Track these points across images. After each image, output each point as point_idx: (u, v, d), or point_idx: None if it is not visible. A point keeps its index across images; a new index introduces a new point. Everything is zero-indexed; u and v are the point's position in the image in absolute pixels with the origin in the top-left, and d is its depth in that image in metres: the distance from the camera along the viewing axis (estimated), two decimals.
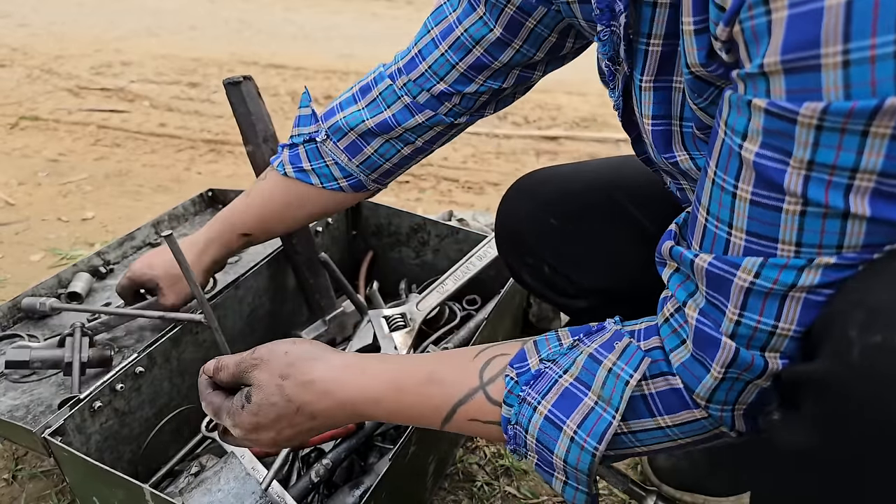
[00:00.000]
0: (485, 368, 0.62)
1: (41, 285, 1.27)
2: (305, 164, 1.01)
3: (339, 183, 1.02)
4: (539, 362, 0.60)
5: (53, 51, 4.17)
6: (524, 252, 1.00)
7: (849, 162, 0.41)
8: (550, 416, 0.57)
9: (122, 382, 1.02)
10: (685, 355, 0.54)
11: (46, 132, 2.93)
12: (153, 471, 1.11)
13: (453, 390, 0.63)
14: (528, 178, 1.03)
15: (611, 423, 0.55)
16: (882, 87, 0.38)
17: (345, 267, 1.50)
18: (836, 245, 0.44)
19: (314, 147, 1.01)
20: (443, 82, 0.89)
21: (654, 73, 0.61)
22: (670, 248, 0.56)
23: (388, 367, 0.66)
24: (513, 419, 0.60)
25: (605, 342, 0.58)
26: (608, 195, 0.95)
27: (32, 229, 2.10)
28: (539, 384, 0.58)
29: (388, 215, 1.51)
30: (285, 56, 4.20)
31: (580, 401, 0.56)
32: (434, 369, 0.64)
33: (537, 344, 0.62)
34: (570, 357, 0.59)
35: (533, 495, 1.19)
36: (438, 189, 2.47)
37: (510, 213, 1.02)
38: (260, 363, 0.67)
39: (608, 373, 0.56)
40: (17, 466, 1.24)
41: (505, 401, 0.60)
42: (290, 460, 1.09)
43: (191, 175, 2.56)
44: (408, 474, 0.99)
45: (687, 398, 0.55)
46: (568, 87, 3.71)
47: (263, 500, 0.93)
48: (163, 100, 3.37)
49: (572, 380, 0.57)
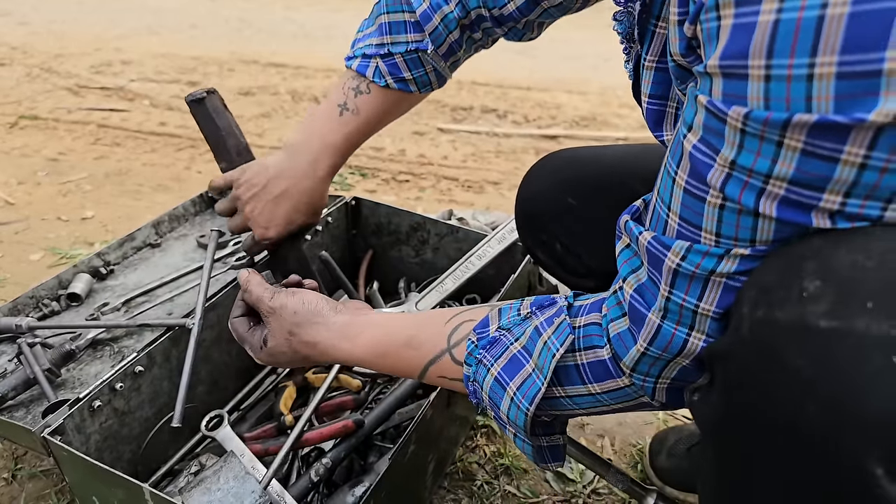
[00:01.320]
0: (453, 333, 0.71)
1: (41, 286, 1.27)
2: (406, 74, 1.02)
3: (433, 87, 1.06)
4: (497, 329, 0.67)
5: (53, 49, 4.17)
6: (539, 229, 1.04)
7: (764, 168, 0.44)
8: (499, 377, 0.65)
9: (121, 382, 1.02)
10: (623, 326, 0.59)
11: (46, 131, 2.93)
12: (153, 470, 1.11)
13: (425, 352, 0.72)
14: (552, 158, 1.07)
15: (540, 389, 0.62)
16: (795, 104, 0.41)
17: (345, 265, 1.50)
18: (750, 239, 0.48)
19: (416, 57, 1.00)
20: None
21: (657, 54, 0.66)
22: (626, 222, 0.61)
23: (375, 333, 0.76)
24: (471, 376, 0.68)
25: (549, 317, 0.64)
26: (623, 181, 0.97)
27: (32, 229, 2.10)
28: (494, 349, 0.66)
29: (387, 214, 1.51)
30: (285, 55, 4.20)
31: (522, 366, 0.64)
32: (412, 335, 0.74)
33: (500, 312, 0.69)
34: (522, 327, 0.66)
35: (533, 494, 1.19)
36: (438, 188, 2.47)
37: (530, 190, 1.06)
38: (273, 314, 0.79)
39: (543, 345, 0.63)
40: (17, 466, 1.24)
41: (465, 361, 0.68)
42: (291, 459, 1.09)
43: (191, 174, 2.56)
44: (407, 473, 0.99)
45: (612, 368, 0.61)
46: (568, 86, 3.71)
47: (263, 499, 0.93)
48: (163, 98, 3.37)
49: (520, 347, 0.64)
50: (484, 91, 3.58)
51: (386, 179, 2.54)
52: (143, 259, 1.44)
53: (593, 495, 1.20)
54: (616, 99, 3.45)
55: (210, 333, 1.19)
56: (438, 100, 3.41)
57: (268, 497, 0.92)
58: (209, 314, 1.17)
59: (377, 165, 2.66)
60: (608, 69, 4.02)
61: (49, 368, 1.07)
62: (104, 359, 1.14)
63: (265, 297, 0.80)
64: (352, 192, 2.40)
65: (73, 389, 1.08)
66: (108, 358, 1.15)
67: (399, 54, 1.00)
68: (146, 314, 1.25)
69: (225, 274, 1.33)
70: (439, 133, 3.02)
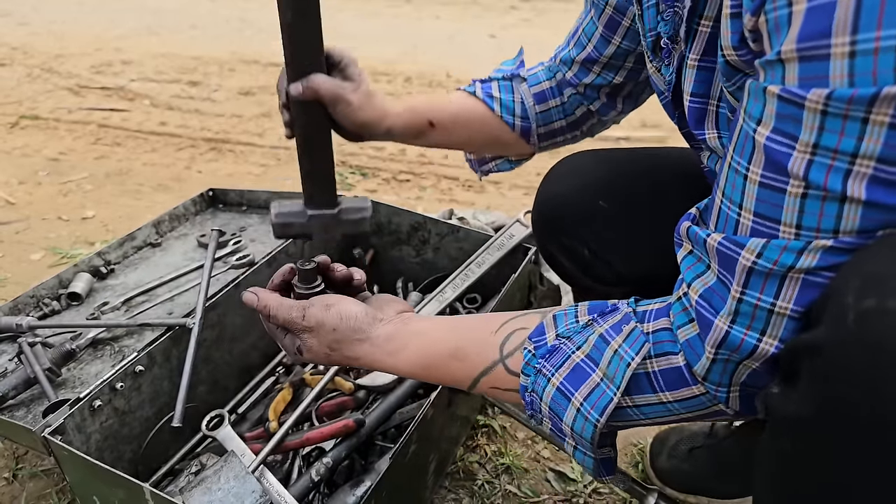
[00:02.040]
0: (505, 342, 0.68)
1: (42, 286, 1.27)
2: (495, 93, 1.06)
3: (514, 119, 1.06)
4: (555, 337, 0.64)
5: (54, 50, 4.17)
6: (563, 233, 0.99)
7: (849, 147, 0.43)
8: (562, 387, 0.62)
9: (121, 381, 1.02)
10: (691, 333, 0.57)
11: (47, 131, 2.93)
12: (153, 470, 1.11)
13: (475, 364, 0.69)
14: (577, 158, 1.03)
15: (612, 399, 0.59)
16: (882, 77, 0.41)
17: (345, 265, 1.50)
18: (833, 229, 0.46)
19: (509, 84, 1.07)
20: (570, 72, 1.03)
21: (700, 52, 0.65)
22: (687, 228, 0.59)
23: (419, 346, 0.72)
24: (529, 387, 0.65)
25: (615, 324, 0.62)
26: (659, 185, 0.95)
27: (33, 228, 2.10)
28: (554, 358, 0.63)
29: (388, 214, 1.51)
30: None
31: (588, 376, 0.61)
32: (458, 346, 0.70)
33: (556, 318, 0.66)
34: (583, 335, 0.63)
35: (533, 494, 1.19)
36: (439, 187, 2.47)
37: (552, 191, 1.02)
38: (310, 332, 0.73)
39: (614, 353, 0.60)
40: (18, 465, 1.24)
41: (523, 371, 0.65)
42: (291, 458, 1.09)
43: (191, 174, 2.56)
44: (408, 473, 0.99)
45: (687, 375, 0.58)
46: None
47: (264, 499, 0.93)
48: (163, 98, 3.37)
49: (583, 356, 0.62)
50: None
51: (386, 179, 2.54)
52: (143, 258, 1.44)
53: (594, 495, 1.20)
54: None
55: (210, 333, 1.19)
56: None
57: (268, 497, 0.92)
58: (210, 314, 1.17)
59: (378, 165, 2.66)
60: None
61: (49, 368, 1.07)
62: (105, 358, 1.14)
63: (295, 319, 0.74)
64: (352, 192, 2.40)
65: (73, 389, 1.08)
66: (108, 357, 1.15)
67: (496, 80, 1.08)
68: (146, 314, 1.25)
69: (225, 273, 1.33)
70: None
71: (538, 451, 1.28)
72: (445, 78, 3.76)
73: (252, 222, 1.55)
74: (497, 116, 1.06)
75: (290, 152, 2.77)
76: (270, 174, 2.57)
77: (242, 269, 1.30)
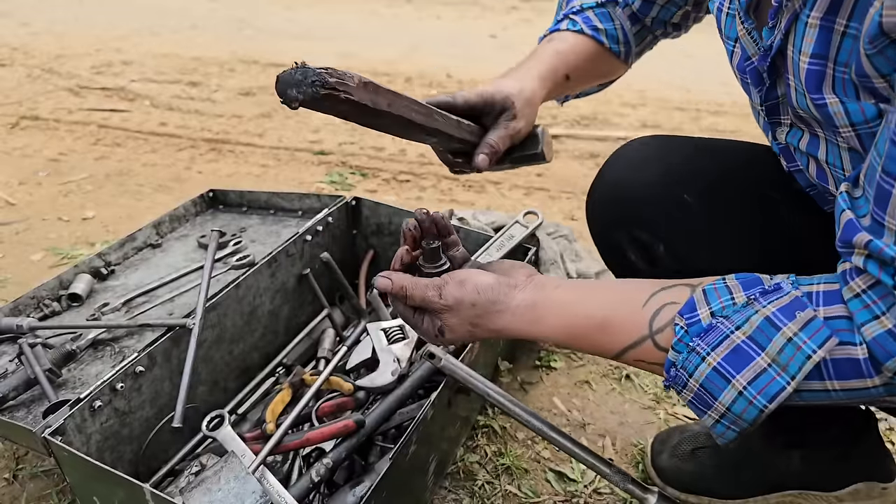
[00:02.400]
0: (654, 318, 0.67)
1: (42, 286, 1.27)
2: (597, 24, 1.05)
3: (619, 47, 1.06)
4: (710, 315, 0.63)
5: (54, 50, 4.17)
6: (638, 224, 0.92)
7: None
8: (719, 368, 0.61)
9: (122, 382, 1.02)
10: (878, 330, 0.56)
11: (47, 132, 2.94)
12: (154, 470, 1.11)
13: (623, 338, 0.69)
14: (652, 142, 0.97)
15: (784, 388, 0.59)
16: None
17: (345, 266, 1.50)
18: None
19: (605, 11, 1.06)
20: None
21: (823, 10, 0.62)
22: (867, 242, 0.57)
23: (562, 315, 0.72)
24: (678, 363, 0.65)
25: (783, 307, 0.61)
26: (752, 184, 0.90)
27: (33, 229, 2.10)
28: (709, 336, 0.62)
29: (388, 214, 1.51)
30: (286, 55, 4.19)
31: (752, 359, 0.60)
32: (607, 317, 0.70)
33: (707, 294, 0.65)
34: (742, 314, 0.62)
35: (534, 494, 1.19)
36: (439, 188, 2.47)
37: (630, 178, 0.94)
38: (449, 310, 0.73)
39: (787, 341, 0.59)
40: (18, 466, 1.24)
41: (673, 347, 0.65)
42: (291, 459, 1.09)
43: (191, 174, 2.56)
44: (408, 473, 0.99)
45: (864, 368, 0.58)
46: None
47: (264, 499, 0.93)
48: (163, 99, 3.37)
49: (745, 337, 0.61)
50: None
51: (387, 179, 2.54)
52: (143, 259, 1.44)
53: (594, 495, 1.19)
54: (617, 98, 3.44)
55: (211, 333, 1.19)
56: None
57: (268, 498, 0.92)
58: (210, 314, 1.17)
59: (378, 165, 2.66)
60: None
61: (50, 369, 1.07)
62: (105, 359, 1.14)
63: (433, 297, 0.73)
64: (352, 192, 2.40)
65: (73, 390, 1.08)
66: (108, 358, 1.15)
67: (590, 9, 1.05)
68: (147, 314, 1.25)
69: (225, 274, 1.33)
70: None
71: (538, 451, 1.28)
72: (446, 78, 3.76)
73: (252, 223, 1.55)
74: (606, 49, 1.05)
75: (290, 153, 2.77)
76: (270, 174, 2.57)
77: (242, 269, 1.30)
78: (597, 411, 1.39)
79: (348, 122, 0.72)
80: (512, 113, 0.94)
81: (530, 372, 1.49)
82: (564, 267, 1.57)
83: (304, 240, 1.38)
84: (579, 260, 1.64)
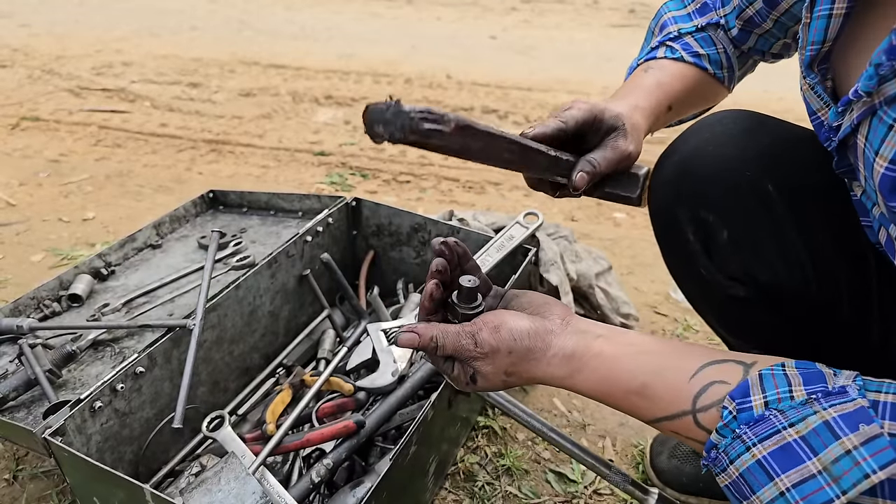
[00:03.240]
0: (700, 395, 0.63)
1: (42, 287, 1.27)
2: (699, 49, 1.00)
3: (723, 72, 1.01)
4: (763, 405, 0.59)
5: (54, 51, 4.17)
6: (705, 205, 0.84)
7: None
8: (764, 462, 0.57)
9: (122, 382, 1.02)
10: None
11: (47, 133, 2.94)
12: (154, 471, 1.11)
13: (661, 407, 0.65)
14: (746, 118, 0.88)
15: (833, 501, 0.54)
16: None
17: (346, 266, 1.50)
18: None
19: (706, 35, 1.01)
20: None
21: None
22: None
23: (600, 371, 0.68)
24: (721, 447, 0.60)
25: (846, 414, 0.56)
26: (838, 191, 0.81)
27: (33, 230, 2.10)
28: (759, 427, 0.58)
29: (388, 215, 1.51)
30: (286, 56, 4.20)
31: (801, 462, 0.56)
32: (647, 383, 0.66)
33: (762, 380, 0.60)
34: (799, 412, 0.57)
35: (534, 495, 1.19)
36: (439, 189, 2.47)
37: (705, 153, 0.86)
38: (484, 358, 0.69)
39: (846, 454, 0.54)
40: (18, 467, 1.24)
41: (718, 430, 0.60)
42: (292, 460, 1.09)
43: (192, 175, 2.56)
44: (409, 474, 0.99)
45: None
46: (569, 87, 3.70)
47: (264, 500, 0.93)
48: (164, 100, 3.37)
49: (797, 436, 0.56)
50: (485, 92, 3.58)
51: (387, 180, 2.54)
52: (143, 260, 1.44)
53: (594, 496, 1.19)
54: None
55: (211, 334, 1.19)
56: (439, 100, 3.41)
57: (268, 498, 0.92)
58: (210, 315, 1.17)
59: (378, 166, 2.66)
60: (610, 69, 4.02)
61: (50, 369, 1.07)
62: (105, 359, 1.14)
63: (467, 346, 0.69)
64: (352, 193, 2.40)
65: (73, 390, 1.08)
66: (108, 359, 1.15)
67: (689, 34, 1.01)
68: (147, 315, 1.25)
69: (226, 275, 1.33)
70: None
71: (538, 452, 1.28)
72: (446, 79, 3.76)
73: (252, 223, 1.55)
74: (710, 75, 1.01)
75: (291, 154, 2.78)
76: (271, 175, 2.57)
77: (243, 270, 1.30)
78: (597, 412, 1.39)
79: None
80: (622, 132, 0.86)
81: None
82: (564, 267, 1.57)
83: (304, 240, 1.38)
84: (579, 261, 1.64)
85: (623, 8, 5.83)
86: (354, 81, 3.72)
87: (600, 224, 2.22)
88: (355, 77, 3.79)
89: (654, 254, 1.99)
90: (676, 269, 0.98)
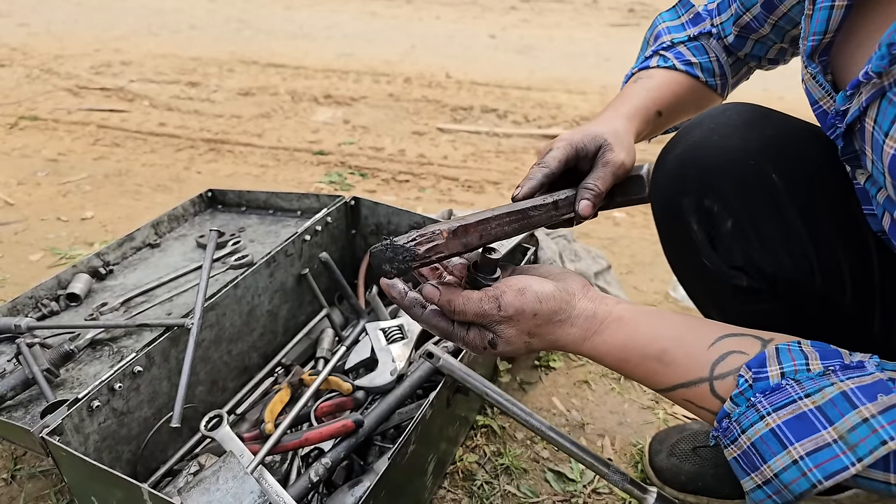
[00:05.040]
0: (718, 363, 0.63)
1: (40, 286, 1.27)
2: (691, 58, 1.02)
3: (715, 80, 1.03)
4: (780, 375, 0.59)
5: (53, 50, 4.17)
6: (710, 194, 0.84)
7: None
8: (778, 430, 0.58)
9: (120, 382, 1.02)
10: None
11: (46, 132, 2.93)
12: (152, 470, 1.11)
13: (679, 374, 0.65)
14: (750, 110, 0.88)
15: (847, 469, 0.54)
16: None
17: (344, 266, 1.50)
18: None
19: (699, 44, 1.03)
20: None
21: None
22: None
23: (620, 334, 0.68)
24: (733, 416, 0.61)
25: (864, 385, 0.56)
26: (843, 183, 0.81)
27: (31, 229, 2.10)
28: (774, 396, 0.59)
29: (387, 214, 1.51)
30: (285, 55, 4.20)
31: (816, 431, 0.56)
32: (666, 348, 0.66)
33: (779, 353, 0.61)
34: (816, 383, 0.58)
35: (533, 494, 1.19)
36: (438, 188, 2.47)
37: (710, 143, 0.86)
38: (509, 321, 0.68)
39: (863, 422, 0.54)
40: (16, 466, 1.23)
41: (732, 398, 0.61)
42: (290, 459, 1.09)
43: (190, 174, 2.56)
44: (407, 473, 0.99)
45: None
46: (568, 86, 3.70)
47: (262, 499, 0.93)
48: (162, 99, 3.37)
49: (813, 406, 0.57)
50: (484, 91, 3.58)
51: (386, 179, 2.54)
52: (142, 259, 1.44)
53: (593, 495, 1.19)
54: None
55: (209, 333, 1.19)
56: (438, 100, 3.41)
57: (267, 498, 0.92)
58: (208, 314, 1.17)
59: (377, 165, 2.66)
60: (608, 68, 4.02)
61: (48, 368, 1.07)
62: (103, 359, 1.14)
63: (489, 311, 0.68)
64: (351, 192, 2.40)
65: (71, 389, 1.08)
66: (107, 358, 1.14)
67: (681, 43, 1.03)
68: (145, 314, 1.25)
69: (224, 274, 1.33)
70: (439, 133, 3.02)
71: (537, 451, 1.28)
72: (445, 78, 3.76)
73: (251, 223, 1.55)
74: (702, 82, 1.03)
75: (290, 153, 2.77)
76: (269, 175, 2.57)
77: (241, 269, 1.30)
78: (596, 411, 1.39)
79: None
80: (607, 147, 0.87)
81: (529, 372, 1.49)
82: (563, 267, 1.57)
83: (302, 240, 1.38)
84: (578, 260, 1.64)
85: (622, 7, 5.83)
86: (353, 81, 3.72)
87: (599, 223, 2.22)
88: (354, 76, 3.79)
89: (653, 253, 1.99)
90: (678, 261, 0.98)
